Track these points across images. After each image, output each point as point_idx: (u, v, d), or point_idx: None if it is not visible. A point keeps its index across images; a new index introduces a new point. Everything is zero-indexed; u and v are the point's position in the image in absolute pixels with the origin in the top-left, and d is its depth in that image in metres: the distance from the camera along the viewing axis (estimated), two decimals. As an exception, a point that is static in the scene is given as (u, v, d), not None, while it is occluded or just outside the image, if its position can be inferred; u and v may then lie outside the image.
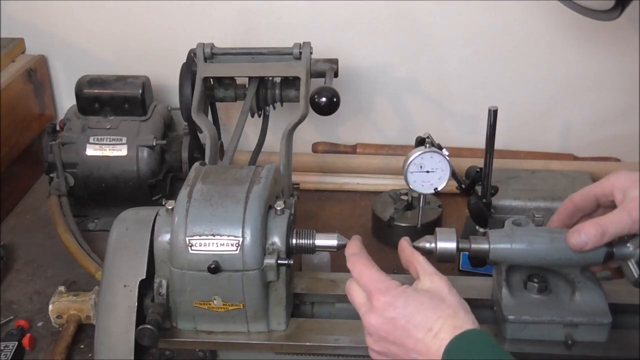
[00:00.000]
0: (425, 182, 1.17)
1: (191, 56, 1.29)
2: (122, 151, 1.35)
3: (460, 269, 1.22)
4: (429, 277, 0.81)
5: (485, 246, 0.88)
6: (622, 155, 1.55)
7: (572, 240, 0.83)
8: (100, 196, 1.38)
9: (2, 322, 1.14)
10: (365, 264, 0.83)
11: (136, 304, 0.92)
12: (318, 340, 0.95)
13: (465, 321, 0.77)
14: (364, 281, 0.82)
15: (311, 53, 1.28)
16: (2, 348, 1.06)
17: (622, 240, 0.85)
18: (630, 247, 0.85)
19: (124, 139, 1.36)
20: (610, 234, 0.82)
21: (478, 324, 0.78)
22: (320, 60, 1.32)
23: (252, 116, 1.30)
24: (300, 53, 1.28)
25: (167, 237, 0.91)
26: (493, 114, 1.08)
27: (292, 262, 0.91)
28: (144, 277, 0.92)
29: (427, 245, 0.90)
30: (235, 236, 0.88)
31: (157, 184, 1.39)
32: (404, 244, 0.88)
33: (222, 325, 0.94)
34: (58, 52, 1.60)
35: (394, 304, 0.78)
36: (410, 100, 1.56)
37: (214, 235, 0.88)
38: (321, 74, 1.30)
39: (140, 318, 0.92)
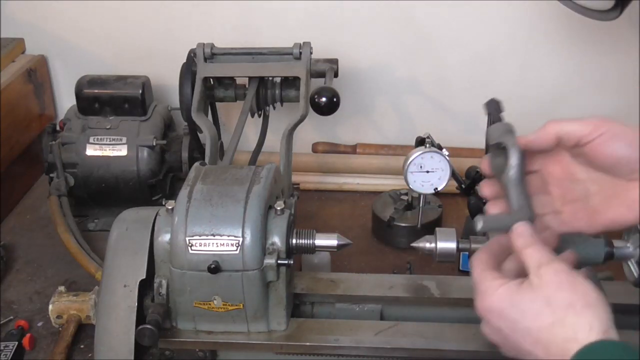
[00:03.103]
0: (425, 182, 1.17)
1: (191, 56, 1.29)
2: (122, 151, 1.35)
3: (460, 269, 1.22)
4: (536, 272, 0.68)
5: (485, 246, 0.88)
6: (622, 155, 1.54)
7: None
8: (100, 196, 1.38)
9: (2, 322, 1.14)
10: (478, 266, 0.73)
11: (136, 304, 0.92)
12: (318, 340, 0.95)
13: (579, 328, 0.62)
14: (474, 280, 0.73)
15: (311, 53, 1.28)
16: (2, 348, 1.06)
17: (622, 240, 0.85)
18: (630, 247, 0.85)
19: (124, 139, 1.36)
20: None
21: (608, 324, 0.62)
22: (320, 60, 1.32)
23: (252, 116, 1.30)
24: (300, 53, 1.28)
25: (167, 237, 0.91)
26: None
27: (292, 262, 0.91)
28: (144, 277, 0.92)
29: (427, 245, 0.90)
30: (235, 236, 0.88)
31: (157, 184, 1.39)
32: (514, 241, 0.72)
33: (222, 325, 0.94)
34: (58, 52, 1.60)
35: (491, 314, 0.69)
36: (410, 100, 1.56)
37: (214, 235, 0.88)
38: (321, 74, 1.30)
39: (140, 318, 0.92)
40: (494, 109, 0.81)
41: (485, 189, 0.79)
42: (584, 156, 0.75)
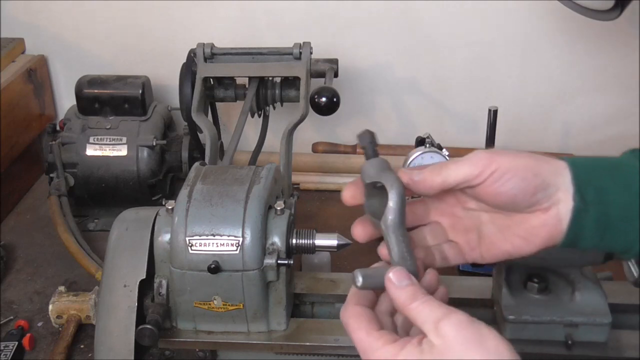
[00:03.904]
0: (425, 182, 1.16)
1: (191, 56, 1.29)
2: (122, 151, 1.35)
3: (460, 269, 1.22)
4: (435, 330, 0.59)
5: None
6: (622, 155, 1.55)
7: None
8: (100, 196, 1.38)
9: (2, 322, 1.14)
10: (353, 327, 0.63)
11: (136, 304, 0.92)
12: (318, 340, 0.95)
13: None
14: (357, 347, 0.63)
15: (311, 53, 1.28)
16: (2, 348, 1.06)
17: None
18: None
19: (124, 139, 1.36)
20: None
21: None
22: (320, 60, 1.32)
23: (252, 116, 1.30)
24: (300, 53, 1.28)
25: (167, 237, 0.91)
26: (493, 114, 1.09)
27: (292, 262, 0.91)
28: (144, 277, 0.92)
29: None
30: (235, 236, 0.88)
31: (157, 184, 1.39)
32: (394, 295, 0.63)
33: (222, 325, 0.94)
34: (58, 52, 1.60)
35: None
36: (410, 100, 1.56)
37: (214, 235, 0.88)
38: (321, 74, 1.30)
39: (140, 318, 0.92)
40: (368, 142, 0.72)
41: (358, 230, 0.71)
42: (477, 197, 0.69)
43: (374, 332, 0.62)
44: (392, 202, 0.66)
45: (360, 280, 0.64)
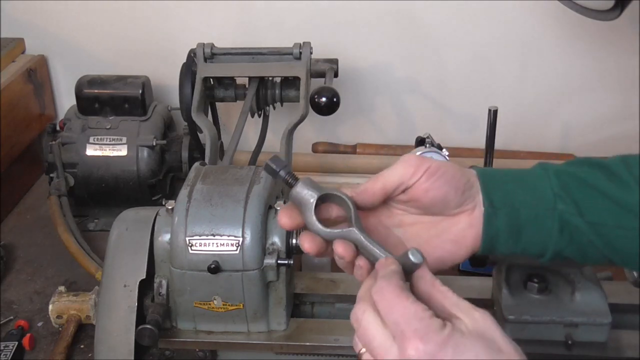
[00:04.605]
0: (425, 182, 1.16)
1: (191, 56, 1.29)
2: (122, 151, 1.35)
3: (460, 269, 1.22)
4: (469, 315, 0.60)
5: (485, 246, 0.88)
6: (622, 155, 1.55)
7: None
8: (100, 196, 1.38)
9: (2, 322, 1.14)
10: (398, 294, 0.60)
11: (136, 304, 0.92)
12: (318, 340, 0.95)
13: None
14: (395, 318, 0.59)
15: (311, 53, 1.28)
16: (2, 348, 1.06)
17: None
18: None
19: (124, 139, 1.36)
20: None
21: None
22: (320, 60, 1.32)
23: (252, 116, 1.30)
24: (300, 53, 1.28)
25: (167, 237, 0.91)
26: (493, 114, 1.09)
27: (292, 262, 0.91)
28: (144, 277, 0.92)
29: None
30: (235, 236, 0.88)
31: (157, 184, 1.39)
32: (423, 272, 0.64)
33: (222, 325, 0.94)
34: (58, 52, 1.60)
35: (438, 356, 0.56)
36: (410, 100, 1.56)
37: (214, 235, 0.88)
38: (321, 74, 1.30)
39: (140, 318, 0.92)
40: (283, 166, 0.69)
41: (307, 244, 0.69)
42: (412, 198, 0.70)
43: (420, 303, 0.60)
44: (353, 209, 0.68)
45: (421, 254, 0.64)
